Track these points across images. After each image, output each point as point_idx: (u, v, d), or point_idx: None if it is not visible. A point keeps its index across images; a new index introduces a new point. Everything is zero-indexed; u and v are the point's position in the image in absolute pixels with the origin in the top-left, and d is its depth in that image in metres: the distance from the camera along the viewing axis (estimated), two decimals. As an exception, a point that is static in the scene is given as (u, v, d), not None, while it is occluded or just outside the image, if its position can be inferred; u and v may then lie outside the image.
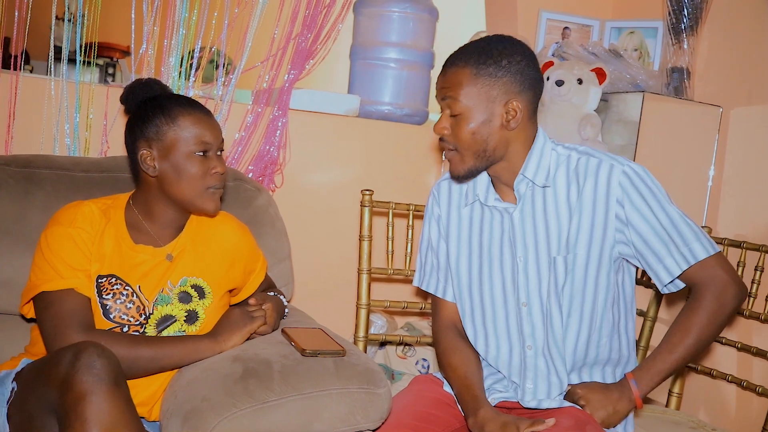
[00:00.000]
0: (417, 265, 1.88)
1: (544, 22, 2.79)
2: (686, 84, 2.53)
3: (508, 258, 1.68)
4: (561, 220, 1.63)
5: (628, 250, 1.62)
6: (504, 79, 1.56)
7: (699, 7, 2.49)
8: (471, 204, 1.73)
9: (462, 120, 1.58)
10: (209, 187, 1.64)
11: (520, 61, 1.58)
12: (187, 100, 1.66)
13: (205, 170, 1.63)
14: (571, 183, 1.63)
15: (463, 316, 1.77)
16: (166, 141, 1.61)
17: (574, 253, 1.61)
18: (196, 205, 1.65)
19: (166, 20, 2.28)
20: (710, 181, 2.52)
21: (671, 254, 1.58)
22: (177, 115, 1.61)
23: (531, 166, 1.62)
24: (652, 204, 1.58)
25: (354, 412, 1.53)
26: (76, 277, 1.56)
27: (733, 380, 2.07)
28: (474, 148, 1.59)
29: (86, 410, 1.27)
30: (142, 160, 1.62)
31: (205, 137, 1.62)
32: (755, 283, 2.06)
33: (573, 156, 1.64)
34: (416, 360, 2.52)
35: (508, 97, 1.57)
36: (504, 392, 1.70)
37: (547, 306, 1.64)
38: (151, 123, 1.61)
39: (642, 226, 1.58)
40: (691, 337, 1.59)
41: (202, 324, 1.69)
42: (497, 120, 1.58)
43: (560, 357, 1.64)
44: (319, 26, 2.45)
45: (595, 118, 2.41)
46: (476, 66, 1.56)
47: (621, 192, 1.58)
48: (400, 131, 2.68)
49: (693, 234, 1.59)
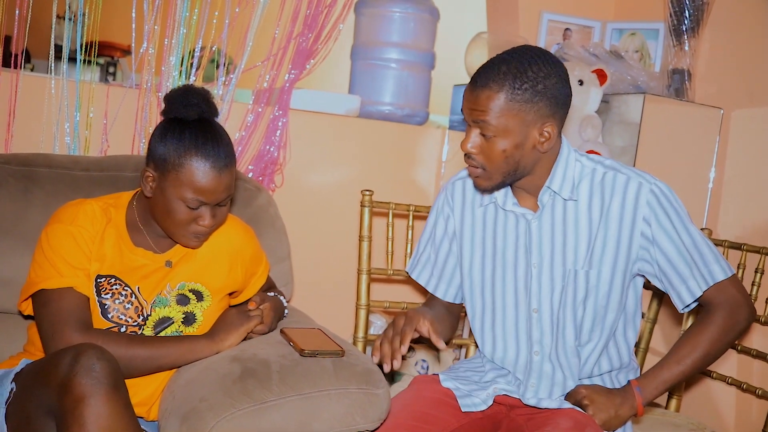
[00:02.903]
0: (413, 253, 1.89)
1: (545, 23, 2.79)
2: (687, 86, 2.53)
3: (522, 263, 1.67)
4: (580, 233, 1.62)
5: (649, 269, 1.62)
6: (540, 104, 1.51)
7: (700, 9, 2.49)
8: (485, 206, 1.73)
9: (493, 142, 1.53)
10: (192, 232, 1.60)
11: (556, 84, 1.52)
12: (211, 144, 1.54)
13: (191, 219, 1.57)
14: (594, 196, 1.62)
15: (472, 317, 1.77)
16: (167, 176, 1.54)
17: (598, 269, 1.61)
18: (176, 240, 1.63)
19: (167, 19, 2.28)
20: (711, 183, 2.51)
21: (693, 276, 1.60)
22: (187, 159, 1.52)
23: (557, 179, 1.61)
24: (677, 224, 1.59)
25: (353, 413, 1.52)
26: (76, 276, 1.56)
27: (733, 383, 2.06)
28: (504, 169, 1.55)
29: (85, 413, 1.27)
30: (144, 177, 1.59)
31: (203, 195, 1.54)
32: (755, 286, 2.06)
33: (599, 170, 1.63)
34: (416, 361, 2.52)
35: (543, 120, 1.52)
36: (506, 386, 1.70)
37: (558, 315, 1.64)
38: (164, 149, 1.54)
39: (668, 246, 1.59)
40: (699, 352, 1.62)
41: (199, 326, 1.68)
42: (530, 143, 1.54)
43: (568, 365, 1.65)
44: (320, 26, 2.44)
45: (596, 120, 2.40)
46: (511, 91, 1.49)
47: (648, 210, 1.58)
48: (401, 132, 2.68)
49: (713, 255, 1.61)
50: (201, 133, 1.55)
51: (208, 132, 1.56)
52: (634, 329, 1.72)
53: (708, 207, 2.51)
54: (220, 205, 1.60)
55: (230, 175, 1.58)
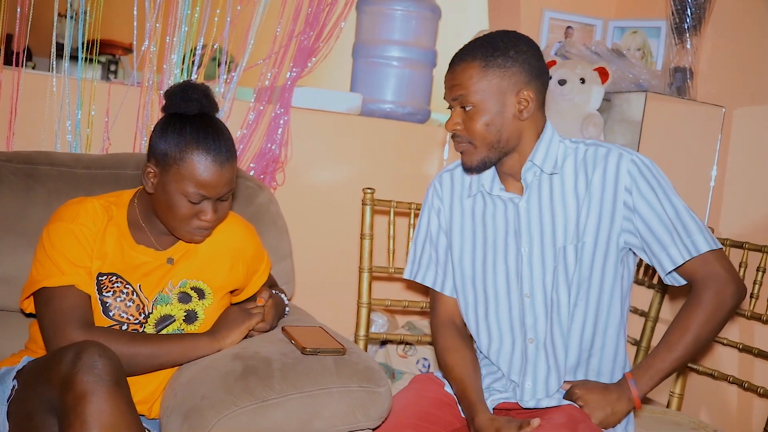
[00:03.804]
0: (409, 258, 1.87)
1: (547, 21, 2.79)
2: (689, 84, 2.52)
3: (512, 249, 1.68)
4: (568, 209, 1.63)
5: (634, 240, 1.62)
6: (513, 69, 1.57)
7: (702, 7, 2.48)
8: (474, 195, 1.73)
9: (475, 113, 1.58)
10: (194, 228, 1.60)
11: (527, 51, 1.59)
12: (212, 138, 1.54)
13: (193, 214, 1.57)
14: (579, 172, 1.64)
15: (465, 309, 1.76)
16: (168, 171, 1.54)
17: (582, 240, 1.62)
18: (179, 236, 1.63)
19: (169, 17, 2.28)
20: (713, 182, 2.51)
21: (675, 244, 1.59)
22: (188, 153, 1.52)
23: (540, 154, 1.63)
24: (659, 193, 1.60)
25: (354, 411, 1.52)
26: (77, 274, 1.56)
27: (734, 381, 2.06)
28: (489, 139, 1.60)
29: (86, 410, 1.27)
30: (145, 173, 1.59)
31: (204, 189, 1.54)
32: (757, 284, 2.06)
33: (581, 147, 1.66)
34: (417, 359, 2.52)
35: (518, 87, 1.58)
36: (503, 392, 1.69)
37: (552, 296, 1.64)
38: (165, 144, 1.54)
39: (648, 214, 1.59)
40: (689, 336, 1.59)
41: (201, 324, 1.68)
42: (510, 110, 1.59)
43: (563, 349, 1.64)
44: (321, 24, 2.44)
45: (598, 118, 2.40)
46: (484, 59, 1.57)
47: (630, 180, 1.59)
48: (402, 130, 2.68)
49: (697, 227, 1.60)
50: (202, 128, 1.55)
51: (209, 127, 1.56)
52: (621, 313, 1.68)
53: (710, 205, 2.51)
54: (222, 200, 1.60)
55: (231, 170, 1.58)
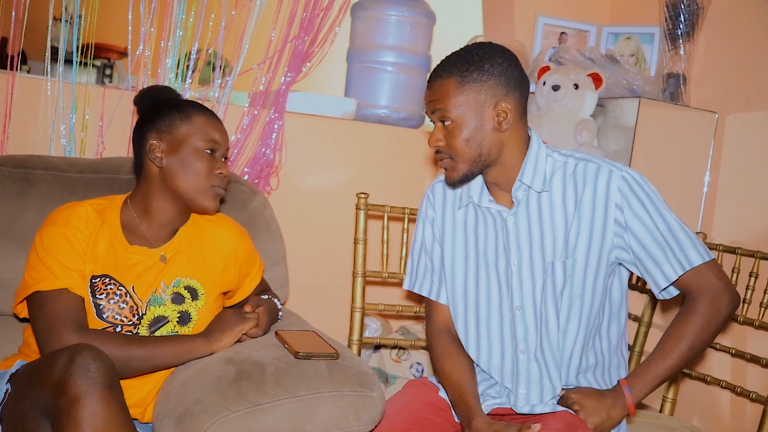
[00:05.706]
0: (408, 269, 1.88)
1: (541, 27, 2.80)
2: (682, 90, 2.53)
3: (502, 262, 1.68)
4: (556, 225, 1.63)
5: (626, 256, 1.62)
6: (489, 83, 1.58)
7: (696, 14, 2.50)
8: (465, 206, 1.74)
9: (455, 129, 1.59)
10: (213, 185, 1.67)
11: (502, 63, 1.59)
12: (200, 104, 1.73)
13: (210, 168, 1.66)
14: (568, 188, 1.63)
15: (455, 319, 1.77)
16: (178, 135, 1.65)
17: (573, 258, 1.62)
18: (197, 201, 1.67)
19: (163, 22, 2.29)
20: (705, 187, 2.52)
21: (668, 260, 1.59)
22: (191, 113, 1.68)
23: (528, 172, 1.63)
24: (650, 209, 1.60)
25: (347, 415, 1.52)
26: (71, 277, 1.56)
27: (727, 386, 2.07)
28: (469, 154, 1.60)
29: (80, 413, 1.27)
30: (150, 150, 1.65)
31: (216, 137, 1.68)
32: (749, 290, 2.07)
33: (570, 162, 1.65)
34: (410, 364, 2.52)
35: (496, 99, 1.58)
36: (497, 398, 1.70)
37: (541, 310, 1.64)
38: (165, 117, 1.66)
39: (640, 231, 1.59)
40: (684, 344, 1.60)
41: (194, 325, 1.69)
42: (489, 124, 1.59)
43: (554, 362, 1.64)
44: (316, 29, 2.45)
45: (591, 123, 2.41)
46: (460, 74, 1.58)
47: (620, 197, 1.59)
48: (397, 135, 2.68)
49: (689, 240, 1.60)
50: (188, 100, 1.75)
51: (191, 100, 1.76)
52: (618, 325, 1.71)
53: (703, 211, 2.52)
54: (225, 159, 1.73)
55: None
